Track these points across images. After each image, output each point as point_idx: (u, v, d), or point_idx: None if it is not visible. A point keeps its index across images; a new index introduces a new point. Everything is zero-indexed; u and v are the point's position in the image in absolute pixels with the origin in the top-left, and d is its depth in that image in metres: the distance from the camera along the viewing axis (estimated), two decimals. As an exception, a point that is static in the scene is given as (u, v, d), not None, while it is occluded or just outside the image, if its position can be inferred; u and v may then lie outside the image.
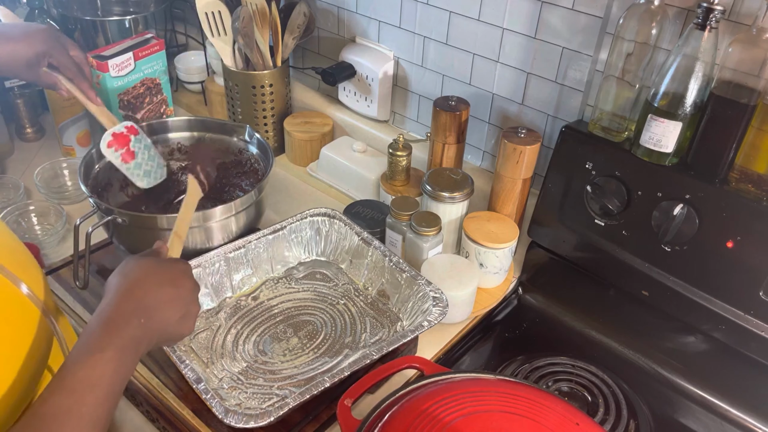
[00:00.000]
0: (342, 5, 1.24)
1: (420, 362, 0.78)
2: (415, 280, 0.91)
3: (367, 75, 1.22)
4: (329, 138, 1.30)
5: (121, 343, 0.60)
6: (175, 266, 0.71)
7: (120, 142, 0.95)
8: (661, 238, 0.88)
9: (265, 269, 1.00)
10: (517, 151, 0.97)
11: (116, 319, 0.62)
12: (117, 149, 0.98)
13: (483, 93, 1.11)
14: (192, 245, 0.97)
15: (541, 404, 0.67)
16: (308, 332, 0.92)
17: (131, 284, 0.65)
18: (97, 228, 0.92)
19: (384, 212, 1.07)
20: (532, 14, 0.99)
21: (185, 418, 0.82)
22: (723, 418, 0.90)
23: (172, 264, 0.71)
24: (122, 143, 0.94)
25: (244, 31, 1.16)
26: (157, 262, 0.69)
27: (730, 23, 0.82)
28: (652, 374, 0.95)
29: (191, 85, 1.49)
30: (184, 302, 0.69)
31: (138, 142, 0.97)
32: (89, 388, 0.57)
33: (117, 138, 0.95)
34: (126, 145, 0.95)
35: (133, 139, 0.96)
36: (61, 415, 0.55)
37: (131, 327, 0.62)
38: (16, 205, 1.12)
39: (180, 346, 0.88)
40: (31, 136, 1.35)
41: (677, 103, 0.83)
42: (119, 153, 0.99)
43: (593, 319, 1.02)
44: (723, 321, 0.87)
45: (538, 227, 1.04)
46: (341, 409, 0.72)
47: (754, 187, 0.82)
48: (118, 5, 1.46)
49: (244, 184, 1.12)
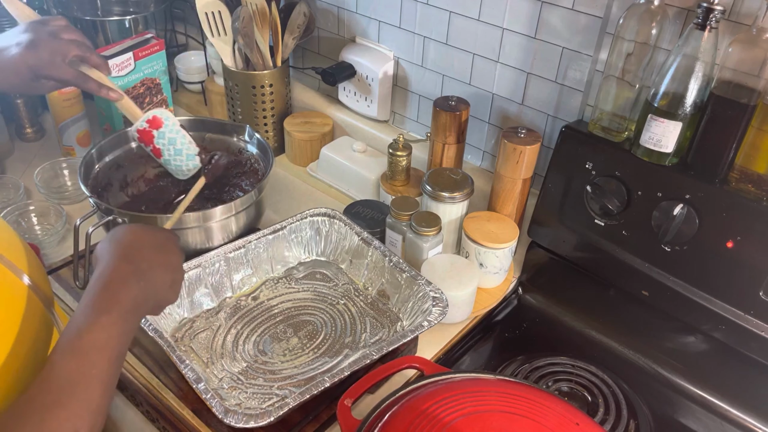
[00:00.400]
0: (342, 5, 1.24)
1: (420, 362, 0.78)
2: (415, 280, 0.91)
3: (367, 75, 1.22)
4: (329, 138, 1.30)
5: (124, 305, 0.60)
6: (164, 232, 0.71)
7: (146, 139, 0.92)
8: (661, 238, 0.88)
9: (265, 269, 1.00)
10: (517, 151, 0.97)
11: (117, 282, 0.62)
12: (146, 145, 0.96)
13: (483, 93, 1.11)
14: (192, 245, 0.97)
15: (541, 404, 0.67)
16: (308, 332, 0.92)
17: (126, 248, 0.65)
18: (97, 228, 0.92)
19: (384, 212, 1.07)
20: (532, 14, 0.99)
21: (185, 418, 0.82)
22: (723, 418, 0.90)
23: (161, 230, 0.72)
24: (147, 140, 0.92)
25: (244, 31, 1.16)
26: (148, 228, 0.70)
27: (730, 23, 0.82)
28: (652, 374, 0.95)
29: (191, 85, 1.49)
30: (173, 267, 0.69)
31: (161, 138, 0.93)
32: (98, 350, 0.57)
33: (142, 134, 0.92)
34: (151, 143, 0.93)
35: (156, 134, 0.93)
36: (74, 379, 0.55)
37: (132, 289, 0.62)
38: (16, 205, 1.12)
39: (180, 346, 0.88)
40: (31, 136, 1.35)
41: (677, 103, 0.83)
42: (149, 149, 0.97)
43: (593, 319, 1.02)
44: (723, 321, 0.87)
45: (538, 227, 1.04)
46: (341, 409, 0.72)
47: (754, 187, 0.82)
48: (118, 5, 1.46)
49: (244, 184, 1.12)
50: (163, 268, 0.67)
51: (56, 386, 0.55)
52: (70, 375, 0.55)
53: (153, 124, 0.96)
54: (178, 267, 0.70)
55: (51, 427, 0.53)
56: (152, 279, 0.65)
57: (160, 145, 0.96)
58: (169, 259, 0.68)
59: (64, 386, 0.55)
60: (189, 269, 0.92)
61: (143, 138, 0.95)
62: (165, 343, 0.81)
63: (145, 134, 0.93)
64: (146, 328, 0.82)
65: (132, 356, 0.89)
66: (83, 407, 0.55)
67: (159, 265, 0.66)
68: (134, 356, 0.89)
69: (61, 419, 0.53)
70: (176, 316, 0.92)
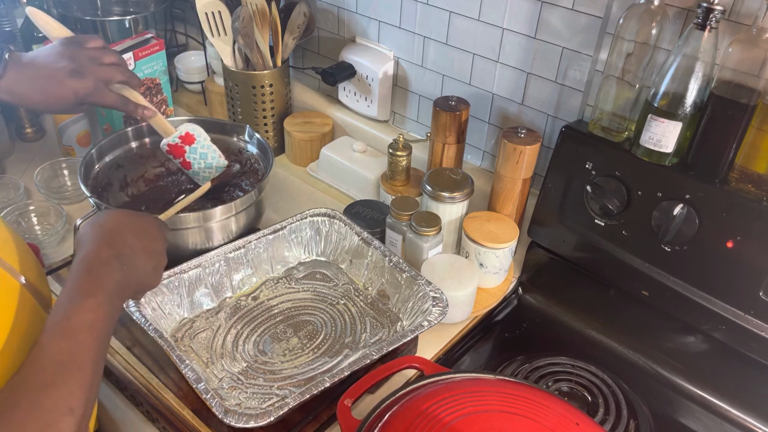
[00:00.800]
0: (342, 5, 1.24)
1: (420, 362, 0.78)
2: (415, 280, 0.91)
3: (367, 75, 1.22)
4: (329, 138, 1.30)
5: (109, 288, 0.62)
6: (148, 218, 0.73)
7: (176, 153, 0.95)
8: (661, 238, 0.88)
9: (265, 269, 1.00)
10: (517, 151, 0.97)
11: (100, 265, 0.63)
12: (175, 158, 0.97)
13: (483, 93, 1.11)
14: (192, 245, 0.97)
15: (541, 404, 0.67)
16: (308, 332, 0.92)
17: (109, 233, 0.66)
18: (97, 228, 0.92)
19: (384, 212, 1.07)
20: (532, 14, 0.99)
21: (185, 418, 0.82)
22: (723, 418, 0.90)
23: (146, 216, 0.73)
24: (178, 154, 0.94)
25: (244, 31, 1.16)
26: (132, 214, 0.71)
27: (730, 23, 0.82)
28: (652, 374, 0.95)
29: (191, 85, 1.49)
30: (156, 253, 0.71)
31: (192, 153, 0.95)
32: (87, 331, 0.58)
33: (173, 149, 0.94)
34: (182, 156, 0.95)
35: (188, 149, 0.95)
36: (66, 359, 0.56)
37: (115, 272, 0.63)
38: (16, 205, 1.12)
39: (180, 346, 0.88)
40: (31, 136, 1.35)
41: (677, 103, 0.83)
42: (178, 161, 0.99)
43: (593, 319, 1.02)
44: (723, 321, 0.87)
45: (538, 227, 1.04)
46: (341, 409, 0.72)
47: (754, 187, 0.82)
48: (118, 5, 1.46)
49: (244, 184, 1.12)
50: (145, 253, 0.68)
51: (49, 367, 0.55)
52: (61, 355, 0.56)
53: (186, 140, 0.97)
54: (161, 252, 0.72)
55: (46, 407, 0.53)
56: (134, 263, 0.66)
57: (191, 159, 0.99)
58: (151, 244, 0.70)
59: (56, 367, 0.55)
60: (189, 269, 0.92)
61: (173, 151, 0.97)
62: (165, 343, 0.81)
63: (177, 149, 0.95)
64: (146, 328, 0.82)
65: (132, 356, 0.89)
66: (76, 386, 0.56)
67: (141, 250, 0.68)
68: (134, 356, 0.89)
69: (56, 398, 0.54)
70: (176, 316, 0.92)
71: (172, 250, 0.95)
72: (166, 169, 1.14)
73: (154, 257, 0.70)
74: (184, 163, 1.02)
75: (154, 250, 0.70)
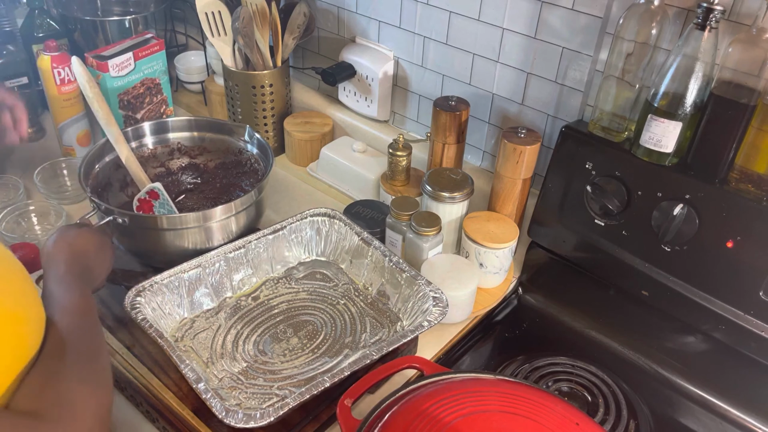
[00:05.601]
0: (342, 5, 1.24)
1: (420, 362, 0.78)
2: (415, 280, 0.91)
3: (367, 75, 1.22)
4: (329, 138, 1.30)
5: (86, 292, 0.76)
6: (101, 235, 0.88)
7: (145, 208, 1.03)
8: (661, 238, 0.88)
9: (265, 269, 1.00)
10: (517, 151, 0.97)
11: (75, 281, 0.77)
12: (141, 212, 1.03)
13: (483, 93, 1.11)
14: (192, 245, 0.97)
15: (541, 404, 0.67)
16: (308, 332, 0.92)
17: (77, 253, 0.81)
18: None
19: (384, 212, 1.07)
20: (532, 14, 0.99)
21: (185, 418, 0.82)
22: (723, 418, 0.90)
23: (100, 233, 0.89)
24: (147, 209, 1.03)
25: (244, 31, 1.16)
26: (91, 232, 0.87)
27: (730, 23, 0.82)
28: (652, 374, 0.95)
29: (191, 85, 1.49)
30: (109, 258, 0.89)
31: (161, 207, 1.04)
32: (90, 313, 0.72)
33: (142, 203, 1.03)
34: (150, 211, 1.03)
35: (156, 204, 1.03)
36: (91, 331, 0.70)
37: (85, 281, 0.79)
38: (16, 205, 1.12)
39: (180, 346, 0.88)
40: (31, 136, 1.35)
41: (677, 103, 0.83)
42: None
43: (593, 319, 1.02)
44: (723, 321, 0.87)
45: (538, 227, 1.04)
46: (341, 409, 0.72)
47: (754, 187, 0.82)
48: (118, 5, 1.46)
49: (244, 184, 1.12)
50: (103, 260, 0.86)
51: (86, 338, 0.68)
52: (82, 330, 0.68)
53: (152, 195, 1.03)
54: (112, 257, 0.90)
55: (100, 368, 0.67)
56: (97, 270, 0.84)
57: (156, 211, 1.04)
58: (106, 254, 0.88)
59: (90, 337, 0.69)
60: (189, 269, 0.92)
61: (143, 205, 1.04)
62: (165, 343, 0.81)
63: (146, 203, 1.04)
64: (146, 328, 0.82)
65: (132, 356, 0.89)
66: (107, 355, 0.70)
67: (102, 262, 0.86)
68: (134, 356, 0.89)
69: (104, 363, 0.68)
70: (176, 316, 0.92)
71: (173, 249, 0.96)
72: (166, 169, 1.14)
73: (108, 261, 0.88)
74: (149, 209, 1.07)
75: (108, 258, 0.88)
